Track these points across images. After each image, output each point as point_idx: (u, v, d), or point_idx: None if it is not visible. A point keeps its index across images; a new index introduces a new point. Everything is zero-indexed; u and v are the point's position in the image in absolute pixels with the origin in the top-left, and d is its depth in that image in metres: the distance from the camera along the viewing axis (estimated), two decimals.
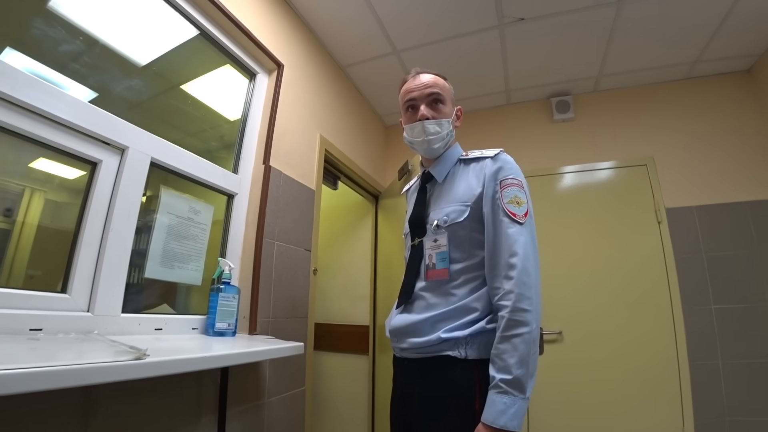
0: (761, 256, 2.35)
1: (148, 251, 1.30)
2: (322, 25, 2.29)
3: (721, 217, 2.47)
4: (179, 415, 1.21)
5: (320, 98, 2.36)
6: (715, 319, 2.35)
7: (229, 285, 1.43)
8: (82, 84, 1.21)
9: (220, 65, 1.79)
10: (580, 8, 2.14)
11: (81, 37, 1.21)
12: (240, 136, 1.81)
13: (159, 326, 1.29)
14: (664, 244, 2.51)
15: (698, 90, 2.72)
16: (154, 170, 1.33)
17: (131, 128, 1.24)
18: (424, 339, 1.06)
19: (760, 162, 2.49)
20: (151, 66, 1.49)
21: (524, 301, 0.95)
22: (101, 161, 1.16)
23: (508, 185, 1.08)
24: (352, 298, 2.99)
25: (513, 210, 1.04)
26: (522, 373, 0.90)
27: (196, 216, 1.47)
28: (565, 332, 2.57)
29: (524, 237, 1.02)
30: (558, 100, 2.95)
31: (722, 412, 2.22)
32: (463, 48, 2.47)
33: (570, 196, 2.82)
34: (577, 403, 2.46)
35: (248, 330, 1.58)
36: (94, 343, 0.94)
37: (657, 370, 2.37)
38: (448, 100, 1.23)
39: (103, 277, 1.11)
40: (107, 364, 0.73)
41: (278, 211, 1.83)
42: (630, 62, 2.61)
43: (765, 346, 2.25)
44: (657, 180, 2.63)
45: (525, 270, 0.98)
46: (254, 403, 1.54)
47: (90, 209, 1.12)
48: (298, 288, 1.93)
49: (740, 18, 2.18)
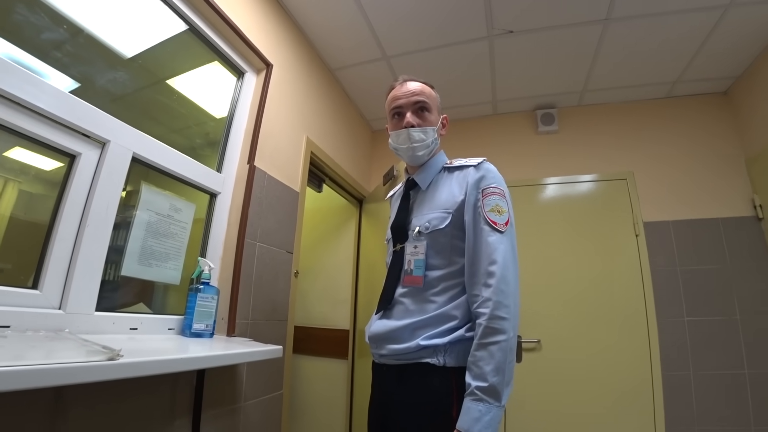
0: (732, 271, 2.43)
1: (126, 248, 1.27)
2: (313, 27, 2.29)
3: (696, 232, 2.55)
4: (152, 418, 1.18)
5: (308, 100, 2.35)
6: (688, 331, 2.41)
7: (208, 285, 1.40)
8: (64, 73, 1.17)
9: (208, 62, 1.77)
10: (568, 24, 2.18)
11: (65, 26, 1.18)
12: (225, 134, 1.79)
13: (134, 326, 1.26)
14: (641, 257, 2.57)
15: (678, 109, 2.81)
16: (136, 165, 1.30)
17: (113, 122, 1.21)
18: (403, 346, 1.05)
19: (734, 180, 2.58)
20: (137, 59, 1.46)
21: (502, 309, 0.96)
22: (80, 154, 1.12)
23: (490, 194, 1.09)
24: (333, 301, 2.97)
25: (494, 218, 1.05)
26: (498, 380, 0.91)
27: (176, 214, 1.44)
28: (543, 341, 2.60)
29: (504, 245, 1.03)
30: (543, 112, 3.00)
31: (692, 422, 2.28)
32: (452, 57, 2.50)
33: (552, 207, 2.87)
34: (553, 411, 2.49)
35: (226, 332, 1.55)
36: (64, 342, 0.91)
37: (631, 380, 2.41)
38: (434, 109, 1.25)
39: (77, 274, 1.08)
40: (78, 364, 0.70)
41: (261, 212, 1.81)
42: (614, 79, 2.68)
43: (734, 358, 2.32)
44: (636, 194, 2.70)
45: (503, 278, 0.99)
46: (230, 407, 1.51)
47: (66, 203, 1.08)
48: (278, 290, 1.91)
49: (719, 42, 2.27)
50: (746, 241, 2.45)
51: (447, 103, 2.99)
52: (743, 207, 2.51)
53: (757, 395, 2.24)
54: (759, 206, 2.45)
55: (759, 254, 2.42)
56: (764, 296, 2.36)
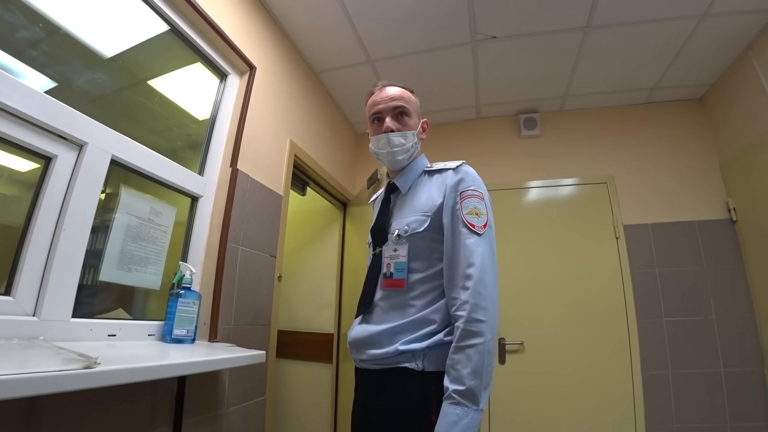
0: (708, 272, 2.50)
1: (104, 252, 1.24)
2: (298, 30, 2.28)
3: (674, 234, 2.61)
4: (132, 426, 1.15)
5: (292, 102, 2.33)
6: (666, 331, 2.47)
7: (189, 290, 1.37)
8: (40, 72, 1.14)
9: (191, 63, 1.74)
10: (550, 31, 2.22)
11: (41, 23, 1.15)
12: (207, 137, 1.76)
13: (113, 332, 1.23)
14: (621, 259, 2.63)
15: (656, 115, 2.88)
16: (115, 168, 1.27)
17: (92, 123, 1.18)
18: (382, 351, 1.05)
19: (709, 184, 2.66)
20: (117, 59, 1.43)
21: (479, 311, 0.95)
22: (56, 156, 1.09)
23: (468, 196, 1.09)
24: (317, 305, 2.95)
25: (472, 221, 1.05)
26: (475, 384, 0.90)
27: (157, 217, 1.41)
28: (527, 343, 2.63)
29: (482, 248, 1.02)
30: (526, 117, 3.04)
31: (671, 419, 2.34)
32: (436, 62, 2.51)
33: (534, 210, 2.91)
34: (537, 411, 2.52)
35: (208, 337, 1.52)
36: (39, 350, 0.88)
37: (612, 379, 2.46)
38: (414, 113, 1.26)
39: (53, 279, 1.04)
40: (53, 373, 0.68)
41: (244, 216, 1.79)
42: (594, 85, 2.73)
43: (710, 357, 2.38)
44: (616, 197, 2.75)
45: (481, 281, 0.98)
46: (212, 414, 1.48)
47: (41, 206, 1.05)
48: (261, 295, 1.89)
49: (694, 50, 2.34)
50: (721, 244, 2.53)
51: (431, 107, 3.01)
52: (718, 210, 2.59)
53: (732, 393, 2.31)
54: (733, 209, 2.53)
55: (733, 256, 2.49)
56: (738, 297, 2.43)
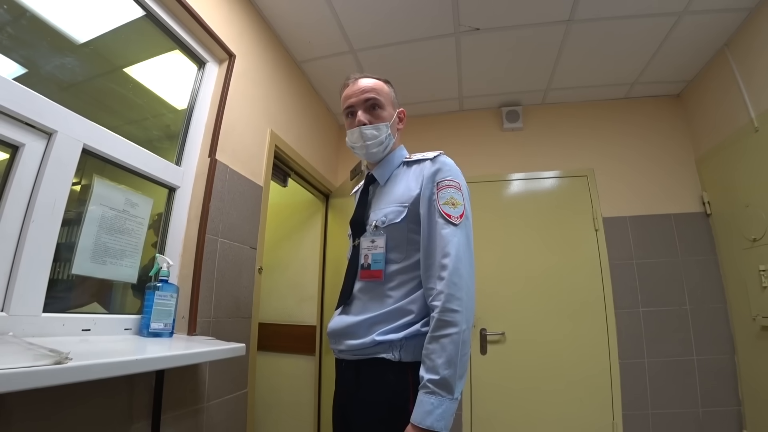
0: (683, 264, 2.57)
1: (77, 245, 1.20)
2: (279, 19, 2.23)
3: (650, 227, 2.67)
4: (108, 422, 1.13)
5: (273, 92, 2.29)
6: (643, 321, 2.53)
7: (167, 283, 1.35)
8: (7, 57, 1.09)
9: (167, 50, 1.69)
10: (533, 24, 2.23)
11: (5, 5, 1.10)
12: (185, 126, 1.72)
13: (87, 327, 1.19)
14: (600, 251, 2.68)
15: (635, 109, 2.93)
16: (89, 158, 1.23)
17: (61, 111, 1.14)
18: (359, 341, 1.05)
19: (685, 178, 2.72)
20: (90, 44, 1.37)
21: (454, 301, 0.95)
22: (24, 145, 1.05)
23: (444, 186, 1.09)
24: (299, 297, 2.93)
25: (448, 211, 1.05)
26: (449, 373, 0.91)
27: (132, 209, 1.38)
28: (508, 333, 2.67)
29: (457, 238, 1.02)
30: (508, 109, 3.06)
31: (646, 405, 2.41)
32: (419, 52, 2.50)
33: (516, 202, 2.93)
34: (517, 399, 2.57)
35: (187, 331, 1.50)
36: (8, 346, 0.85)
37: (591, 367, 2.53)
38: (388, 104, 1.24)
39: (21, 274, 1.01)
40: (21, 369, 0.66)
41: (223, 207, 1.76)
42: (576, 79, 2.76)
43: (684, 345, 2.46)
44: (596, 190, 2.80)
45: (456, 271, 0.98)
46: (192, 408, 1.46)
47: (8, 198, 1.01)
48: (241, 287, 1.87)
49: (673, 47, 2.38)
50: (696, 236, 2.60)
51: (413, 98, 3.00)
52: (693, 204, 2.66)
53: (703, 379, 2.39)
54: (707, 203, 2.60)
55: (707, 248, 2.57)
56: (711, 287, 2.51)
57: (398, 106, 1.30)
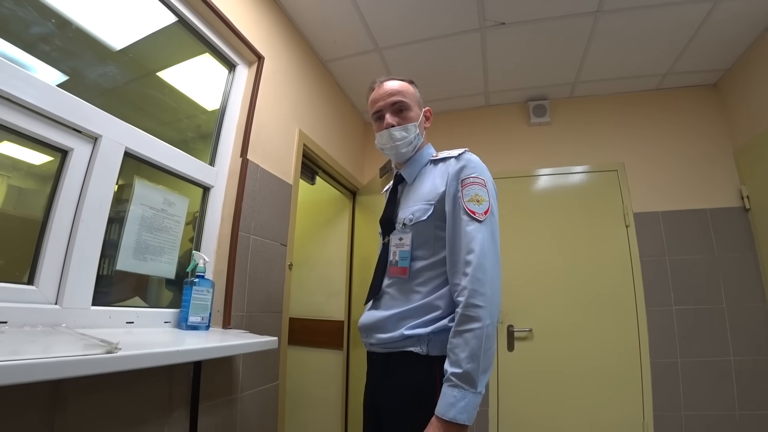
0: (720, 261, 2.48)
1: (120, 243, 1.27)
2: (305, 19, 2.27)
3: (684, 222, 2.59)
4: (150, 410, 1.20)
5: (300, 92, 2.34)
6: (676, 320, 2.46)
7: (203, 278, 1.41)
8: (52, 66, 1.16)
9: (199, 54, 1.76)
10: (560, 16, 2.19)
11: (53, 19, 1.17)
12: (218, 128, 1.78)
13: (130, 319, 1.27)
14: (631, 247, 2.62)
15: (668, 101, 2.84)
16: (128, 159, 1.30)
17: (105, 116, 1.21)
18: (388, 335, 1.09)
19: (722, 171, 2.62)
20: (127, 51, 1.44)
21: (477, 297, 0.97)
22: (72, 150, 1.12)
23: (469, 183, 1.10)
24: (327, 293, 2.99)
25: (472, 208, 1.06)
26: (472, 367, 0.92)
27: (170, 208, 1.45)
28: (535, 330, 2.65)
29: (482, 234, 1.03)
30: (535, 104, 3.01)
31: (679, 407, 2.35)
32: (444, 49, 2.49)
33: (544, 198, 2.90)
34: (544, 396, 2.54)
35: (222, 324, 1.57)
36: (62, 336, 0.92)
37: (621, 367, 2.47)
38: (414, 105, 1.27)
39: (73, 269, 1.08)
40: (76, 357, 0.71)
41: (255, 205, 1.81)
42: (605, 71, 2.69)
43: (720, 346, 2.38)
44: (626, 185, 2.73)
45: (480, 266, 0.99)
46: (227, 398, 1.53)
47: (59, 199, 1.08)
48: (273, 282, 1.92)
49: (708, 35, 2.29)
50: (733, 232, 2.50)
51: (439, 94, 3.00)
52: (731, 198, 2.56)
53: (741, 382, 2.31)
54: (746, 197, 2.50)
55: (745, 244, 2.47)
56: (750, 285, 2.41)
57: (423, 105, 1.32)
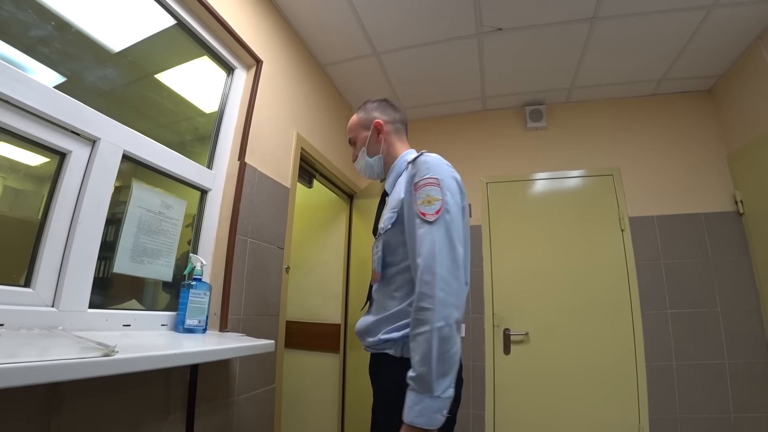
0: (714, 265, 2.50)
1: (118, 245, 1.27)
2: (303, 23, 2.29)
3: (679, 226, 2.61)
4: (147, 412, 1.19)
5: (298, 96, 2.35)
6: (671, 323, 2.48)
7: (200, 281, 1.41)
8: (51, 68, 1.16)
9: (197, 57, 1.76)
10: (556, 22, 2.21)
11: (52, 22, 1.17)
12: (216, 131, 1.79)
13: (127, 322, 1.27)
14: (627, 251, 2.64)
15: (662, 106, 2.87)
16: (126, 162, 1.30)
17: (103, 119, 1.21)
18: (373, 339, 1.15)
19: (716, 176, 2.65)
20: (125, 54, 1.45)
21: (425, 300, 0.95)
22: (71, 152, 1.12)
23: (422, 186, 1.08)
24: (324, 296, 2.99)
25: (423, 210, 1.05)
26: (425, 371, 0.91)
27: (167, 211, 1.45)
28: (531, 333, 2.65)
29: (431, 236, 1.01)
30: (532, 108, 3.04)
31: (674, 409, 2.36)
32: (441, 54, 2.51)
33: (540, 202, 2.91)
34: (541, 400, 2.55)
35: (219, 327, 1.56)
36: (59, 339, 0.92)
37: (616, 370, 2.49)
38: (359, 132, 1.36)
39: (70, 272, 1.08)
40: (73, 360, 0.71)
41: (252, 209, 1.82)
42: (601, 76, 2.72)
43: (714, 349, 2.40)
44: (622, 189, 2.75)
45: (427, 269, 0.98)
46: (223, 401, 1.53)
47: (57, 201, 1.08)
48: (270, 286, 1.92)
49: (702, 41, 2.32)
50: (727, 236, 2.53)
51: (436, 99, 3.02)
52: (725, 202, 2.58)
53: (736, 385, 2.32)
54: (740, 201, 2.52)
55: (739, 248, 2.49)
56: (744, 289, 2.43)
57: (372, 119, 1.34)
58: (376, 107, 1.35)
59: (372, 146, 1.31)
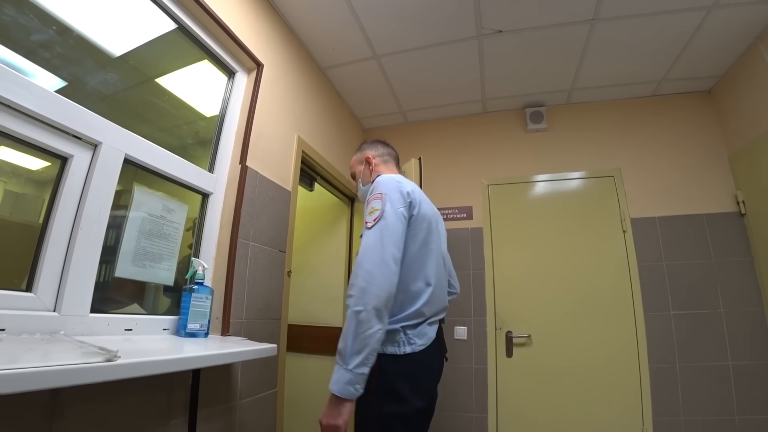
0: (716, 265, 2.50)
1: (119, 250, 1.27)
2: (304, 26, 2.29)
3: (681, 227, 2.60)
4: (149, 417, 1.19)
5: (299, 99, 2.35)
6: (674, 324, 2.47)
7: (202, 285, 1.40)
8: (52, 73, 1.16)
9: (198, 61, 1.76)
10: (556, 24, 2.21)
11: (53, 26, 1.17)
12: (217, 135, 1.78)
13: (129, 327, 1.26)
14: (629, 253, 2.63)
15: (663, 107, 2.87)
16: (127, 166, 1.30)
17: (105, 123, 1.21)
18: None
19: (718, 177, 2.64)
20: (126, 58, 1.45)
21: (351, 288, 1.13)
22: (72, 156, 1.12)
23: (370, 201, 1.28)
24: (325, 299, 2.98)
25: (367, 219, 1.24)
26: (342, 345, 1.09)
27: (169, 214, 1.44)
28: (534, 336, 2.64)
29: (368, 239, 1.19)
30: (532, 110, 3.04)
31: (678, 411, 2.34)
32: (442, 56, 2.51)
33: (541, 204, 2.91)
34: (543, 402, 2.54)
35: (221, 331, 1.56)
36: (60, 344, 0.91)
37: (620, 372, 2.47)
38: (357, 167, 1.61)
39: (71, 276, 1.08)
40: (76, 366, 0.71)
41: (254, 212, 1.81)
42: (601, 78, 2.72)
43: (718, 350, 2.38)
44: (623, 191, 2.75)
45: (358, 264, 1.16)
46: (225, 405, 1.52)
47: (59, 205, 1.08)
48: (271, 289, 1.92)
49: (702, 42, 2.32)
50: (729, 237, 2.52)
51: (436, 101, 3.02)
52: (727, 203, 2.58)
53: (740, 386, 2.31)
54: (741, 202, 2.51)
55: (741, 249, 2.48)
56: (746, 289, 2.42)
57: (365, 155, 1.59)
58: (368, 146, 1.62)
59: (365, 176, 1.57)
